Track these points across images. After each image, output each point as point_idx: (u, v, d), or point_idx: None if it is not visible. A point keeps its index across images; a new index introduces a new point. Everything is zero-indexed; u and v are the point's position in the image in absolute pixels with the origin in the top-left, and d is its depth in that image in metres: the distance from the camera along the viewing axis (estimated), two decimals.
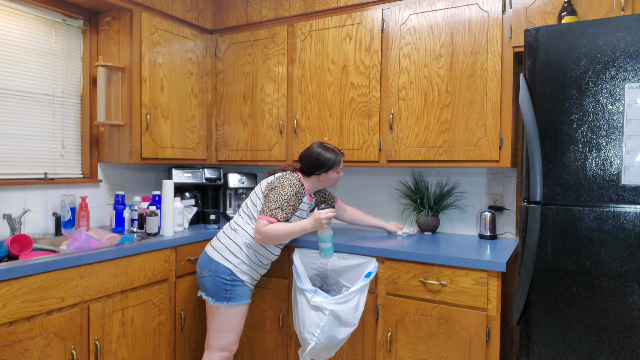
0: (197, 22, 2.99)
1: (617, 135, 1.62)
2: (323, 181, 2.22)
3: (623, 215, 1.60)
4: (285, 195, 2.08)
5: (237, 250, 2.12)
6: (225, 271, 2.09)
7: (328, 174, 2.19)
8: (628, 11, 1.93)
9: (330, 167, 2.17)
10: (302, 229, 2.07)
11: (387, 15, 2.48)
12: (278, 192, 2.08)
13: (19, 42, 2.39)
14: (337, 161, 2.19)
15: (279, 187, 2.10)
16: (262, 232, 2.03)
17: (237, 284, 2.11)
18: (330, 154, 2.18)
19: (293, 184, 2.12)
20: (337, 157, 2.19)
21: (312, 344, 2.02)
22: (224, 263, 2.10)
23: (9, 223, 2.22)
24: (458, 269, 1.98)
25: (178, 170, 2.89)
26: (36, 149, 2.49)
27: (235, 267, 2.10)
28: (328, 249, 2.16)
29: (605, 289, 1.63)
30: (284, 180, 2.13)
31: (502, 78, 2.20)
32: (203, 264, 2.15)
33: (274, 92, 2.85)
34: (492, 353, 1.92)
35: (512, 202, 2.51)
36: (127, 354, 2.14)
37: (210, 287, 2.11)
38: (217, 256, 2.12)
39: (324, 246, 2.15)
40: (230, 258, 2.11)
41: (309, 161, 2.19)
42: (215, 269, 2.10)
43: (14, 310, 1.70)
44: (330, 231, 2.14)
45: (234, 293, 2.10)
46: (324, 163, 2.16)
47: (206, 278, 2.12)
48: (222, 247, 2.14)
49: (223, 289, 2.09)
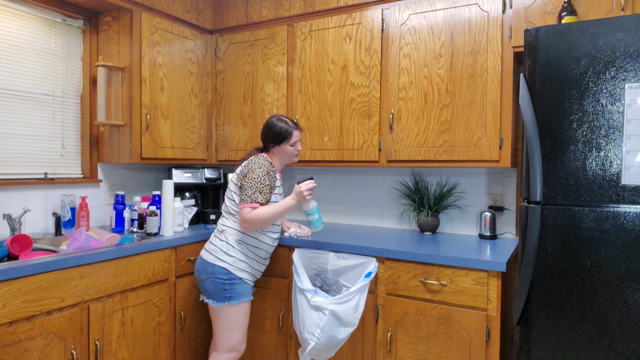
0: (197, 22, 2.99)
1: (617, 135, 1.62)
2: (278, 153, 2.19)
3: (623, 215, 1.60)
4: (258, 177, 2.05)
5: (230, 249, 2.11)
6: (222, 271, 2.08)
7: (281, 146, 2.16)
8: (628, 11, 1.93)
9: (283, 139, 2.15)
10: (287, 207, 2.06)
11: (387, 15, 2.48)
12: (250, 177, 2.06)
13: (19, 42, 2.39)
14: (289, 132, 2.15)
15: (249, 172, 2.07)
16: (249, 219, 2.01)
17: (236, 282, 2.10)
18: (282, 124, 2.15)
19: (261, 165, 2.09)
20: (290, 128, 2.16)
21: (312, 344, 2.02)
22: (219, 264, 2.09)
23: (9, 223, 2.22)
24: (458, 269, 1.98)
25: (178, 170, 2.89)
26: (36, 149, 2.49)
27: (231, 265, 2.09)
28: (316, 220, 2.16)
29: (605, 288, 1.63)
30: (251, 164, 2.10)
31: (502, 78, 2.20)
32: (200, 268, 2.14)
33: (274, 92, 2.85)
34: (492, 353, 1.92)
35: (512, 202, 2.51)
36: (127, 354, 2.14)
37: (210, 289, 2.10)
38: (212, 258, 2.11)
39: (312, 218, 2.15)
40: (224, 258, 2.10)
41: (263, 132, 2.18)
42: (212, 270, 2.09)
43: (14, 310, 1.70)
44: (315, 202, 2.14)
45: (234, 292, 2.09)
46: (277, 134, 2.14)
47: (205, 281, 2.11)
48: (214, 249, 2.13)
49: (222, 289, 2.08)
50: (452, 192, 2.66)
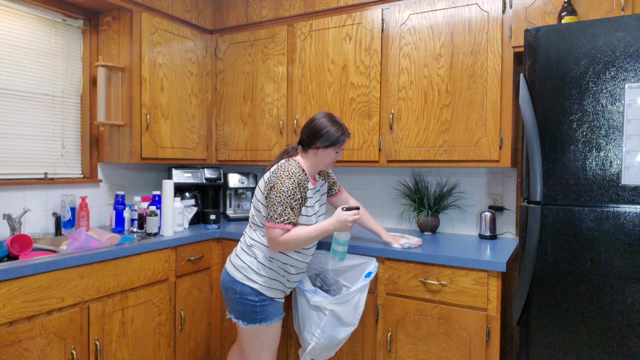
0: (197, 22, 2.99)
1: (617, 135, 1.62)
2: (319, 157, 1.96)
3: (623, 215, 1.60)
4: (288, 190, 1.81)
5: (261, 268, 1.91)
6: (252, 292, 1.90)
7: (327, 150, 1.94)
8: (628, 11, 1.93)
9: (332, 143, 1.93)
10: (323, 232, 1.87)
11: (387, 15, 2.48)
12: (279, 189, 1.82)
13: (19, 42, 2.39)
14: (342, 139, 1.95)
15: (278, 182, 1.83)
16: (279, 243, 1.82)
17: (267, 303, 1.92)
18: (336, 128, 1.93)
19: (292, 174, 1.85)
20: (343, 135, 1.95)
21: (312, 344, 2.02)
22: (249, 284, 1.90)
23: (9, 223, 2.22)
24: (458, 269, 1.98)
25: (178, 170, 2.89)
26: (36, 149, 2.49)
27: (262, 285, 1.91)
28: (343, 252, 1.96)
29: (605, 289, 1.63)
30: (281, 172, 1.86)
31: (502, 78, 2.20)
32: (227, 285, 1.95)
33: (274, 92, 2.85)
34: (492, 353, 1.92)
35: (512, 202, 2.51)
36: (127, 354, 2.14)
37: (238, 309, 1.93)
38: (240, 276, 1.92)
39: (340, 249, 1.95)
40: (254, 277, 1.91)
41: (311, 130, 1.94)
42: (241, 290, 1.90)
43: (14, 310, 1.70)
44: (349, 235, 1.96)
45: (265, 313, 1.91)
46: (327, 136, 1.92)
47: (233, 300, 1.93)
48: (244, 266, 1.93)
49: (252, 310, 1.90)
50: (452, 192, 2.66)
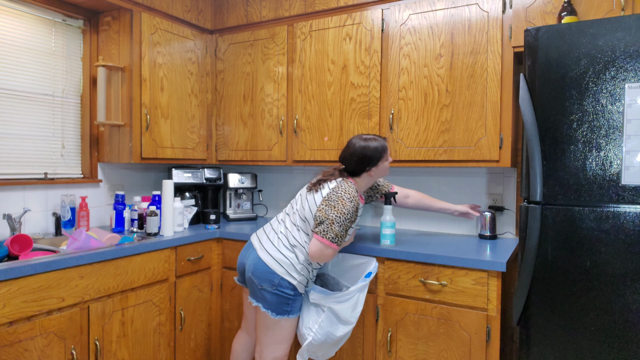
0: (197, 22, 2.99)
1: (617, 135, 1.62)
2: (375, 175, 2.04)
3: (623, 215, 1.60)
4: (348, 213, 1.89)
5: (302, 269, 1.99)
6: (290, 287, 1.97)
7: (379, 166, 2.01)
8: (628, 11, 1.93)
9: (379, 158, 2.00)
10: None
11: (387, 15, 2.48)
12: (340, 210, 1.88)
13: (19, 42, 2.39)
14: (385, 148, 2.01)
15: (339, 203, 1.89)
16: (323, 256, 1.92)
17: (298, 298, 2.02)
18: (374, 143, 1.99)
19: (353, 198, 1.91)
20: (383, 144, 2.01)
21: (309, 339, 2.02)
22: (289, 279, 1.96)
23: (9, 223, 2.22)
24: (458, 269, 1.98)
25: (178, 170, 2.89)
26: (36, 149, 2.49)
27: (299, 283, 1.99)
28: (392, 235, 2.21)
29: (605, 289, 1.63)
30: (343, 193, 1.91)
31: (502, 78, 2.20)
32: (263, 276, 1.98)
33: (274, 92, 2.85)
34: (492, 353, 1.92)
35: (512, 202, 2.51)
36: (127, 354, 2.14)
37: (271, 301, 1.98)
38: (282, 271, 1.97)
39: (389, 232, 2.20)
40: (295, 275, 1.98)
41: (355, 160, 2.00)
42: (279, 283, 1.96)
43: (14, 310, 1.70)
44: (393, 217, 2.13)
45: (294, 306, 2.01)
46: (372, 157, 1.98)
47: (267, 291, 1.97)
48: (286, 262, 1.98)
49: (285, 303, 1.98)
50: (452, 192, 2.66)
